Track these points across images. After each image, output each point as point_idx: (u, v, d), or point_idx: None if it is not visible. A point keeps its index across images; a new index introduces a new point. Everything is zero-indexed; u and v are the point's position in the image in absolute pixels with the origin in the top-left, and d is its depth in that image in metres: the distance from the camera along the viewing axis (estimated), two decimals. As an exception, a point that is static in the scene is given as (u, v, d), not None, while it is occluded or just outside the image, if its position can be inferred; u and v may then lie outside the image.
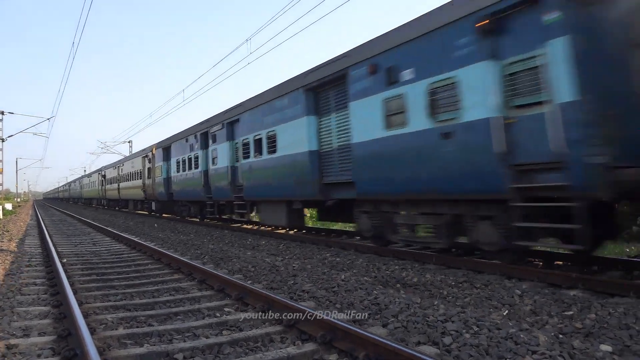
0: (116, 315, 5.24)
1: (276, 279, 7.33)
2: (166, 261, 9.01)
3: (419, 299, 5.68)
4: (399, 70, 8.46)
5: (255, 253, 10.36)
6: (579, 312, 5.00)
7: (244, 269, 8.29)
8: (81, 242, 13.47)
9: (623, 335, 4.23)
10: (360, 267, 8.15)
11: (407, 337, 4.37)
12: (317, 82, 10.86)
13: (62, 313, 5.29)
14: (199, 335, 4.55)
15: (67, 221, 24.61)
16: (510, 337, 4.17)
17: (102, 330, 4.70)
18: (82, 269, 8.68)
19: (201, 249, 11.23)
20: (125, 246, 12.29)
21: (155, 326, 4.83)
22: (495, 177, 6.72)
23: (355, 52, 9.83)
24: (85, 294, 6.44)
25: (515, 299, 5.64)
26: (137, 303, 5.87)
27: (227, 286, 6.31)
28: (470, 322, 4.65)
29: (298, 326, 4.59)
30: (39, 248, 12.08)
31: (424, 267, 8.00)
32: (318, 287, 6.58)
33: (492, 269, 7.29)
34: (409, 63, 8.25)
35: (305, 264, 8.60)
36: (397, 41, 8.57)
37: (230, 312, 5.42)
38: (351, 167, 9.83)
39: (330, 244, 11.18)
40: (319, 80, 10.78)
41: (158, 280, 7.40)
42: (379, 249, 9.67)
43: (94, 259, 9.99)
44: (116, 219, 26.19)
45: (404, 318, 4.91)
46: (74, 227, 19.74)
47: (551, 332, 4.36)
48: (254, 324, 4.96)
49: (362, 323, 4.88)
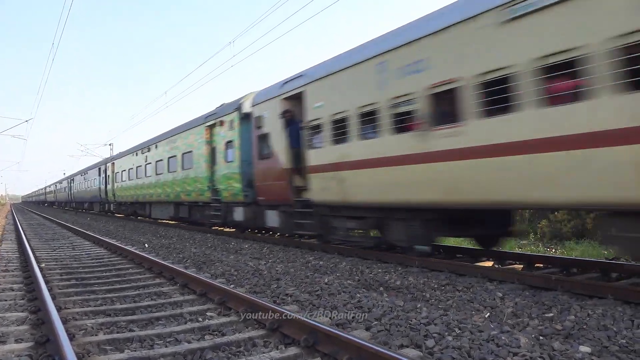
0: (96, 321, 5.15)
1: (259, 282, 7.29)
2: (147, 265, 8.90)
3: (402, 302, 5.70)
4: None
5: (238, 257, 10.30)
6: (559, 314, 5.08)
7: (226, 273, 8.24)
8: (60, 247, 13.23)
9: (602, 336, 4.30)
10: (344, 271, 8.15)
11: (390, 340, 4.38)
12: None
13: (40, 319, 5.18)
14: (181, 340, 4.50)
15: (46, 225, 24.16)
16: (492, 339, 4.21)
17: (81, 336, 4.62)
18: (61, 273, 8.52)
19: (183, 253, 11.13)
20: (106, 250, 12.11)
21: (136, 331, 4.76)
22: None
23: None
24: (64, 299, 6.32)
25: (496, 301, 5.70)
26: (117, 308, 5.79)
27: (210, 290, 6.26)
28: (452, 325, 4.68)
29: (281, 330, 4.57)
30: (16, 252, 11.83)
31: (407, 270, 8.03)
32: (301, 291, 6.57)
33: (474, 271, 7.36)
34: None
35: (288, 268, 8.58)
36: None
37: (213, 317, 5.37)
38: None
39: (313, 248, 11.16)
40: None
41: (139, 285, 7.31)
42: (362, 252, 9.69)
43: (74, 263, 9.82)
44: (96, 222, 25.82)
45: (387, 321, 4.92)
46: (52, 231, 19.39)
47: (532, 334, 4.41)
48: (236, 328, 4.93)
49: (345, 326, 4.88)
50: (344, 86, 9.59)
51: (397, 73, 8.25)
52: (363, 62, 9.08)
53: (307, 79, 10.81)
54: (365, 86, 8.97)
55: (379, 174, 8.67)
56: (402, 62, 8.16)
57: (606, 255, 9.17)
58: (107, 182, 32.98)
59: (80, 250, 12.19)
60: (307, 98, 10.71)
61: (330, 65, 10.28)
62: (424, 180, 7.81)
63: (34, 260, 8.79)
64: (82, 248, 12.82)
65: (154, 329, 4.85)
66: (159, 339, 4.57)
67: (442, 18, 7.60)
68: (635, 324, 4.65)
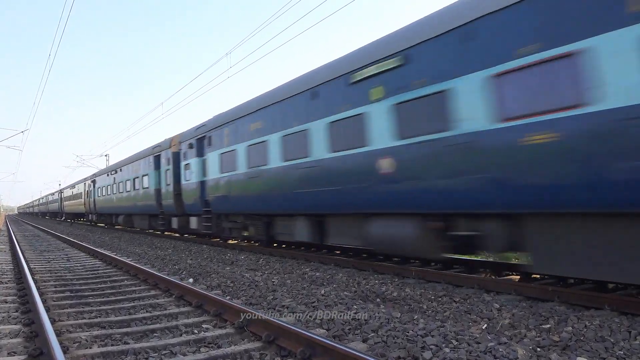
0: (90, 333, 5.10)
1: (255, 294, 7.25)
2: (143, 277, 8.84)
3: (398, 314, 5.68)
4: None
5: (234, 268, 10.25)
6: (556, 325, 5.06)
7: (222, 285, 8.19)
8: (55, 258, 13.14)
9: (599, 347, 4.29)
10: (340, 282, 8.12)
11: (387, 352, 4.35)
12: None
13: (33, 331, 5.13)
14: (176, 353, 4.46)
15: (41, 236, 24.01)
16: (489, 351, 4.19)
17: (75, 348, 4.57)
18: (55, 285, 8.45)
19: (179, 265, 11.06)
20: (101, 262, 12.03)
21: (131, 344, 4.71)
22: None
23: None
24: (58, 311, 6.27)
25: (494, 313, 5.68)
26: (112, 320, 5.73)
27: (205, 302, 6.22)
28: (449, 337, 4.66)
29: (277, 342, 4.53)
30: (10, 264, 11.74)
31: (404, 281, 8.01)
32: (298, 303, 6.53)
33: (471, 282, 7.35)
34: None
35: (284, 279, 8.54)
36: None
37: (209, 329, 5.33)
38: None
39: (309, 259, 11.13)
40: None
41: (134, 297, 7.25)
42: (358, 263, 9.73)
43: (68, 275, 9.75)
44: (92, 234, 25.67)
45: (384, 333, 4.90)
46: (47, 243, 19.26)
47: (529, 346, 4.39)
48: (232, 340, 4.89)
49: (342, 338, 4.85)
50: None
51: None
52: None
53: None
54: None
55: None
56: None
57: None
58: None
59: (75, 262, 12.11)
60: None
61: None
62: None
63: (28, 272, 8.72)
64: (77, 259, 12.73)
65: (149, 342, 4.80)
66: (154, 351, 4.53)
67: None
68: (632, 335, 4.64)
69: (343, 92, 9.27)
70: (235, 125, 13.59)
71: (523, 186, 6.01)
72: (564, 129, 5.52)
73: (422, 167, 7.43)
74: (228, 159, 13.93)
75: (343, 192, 9.18)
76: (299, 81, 10.94)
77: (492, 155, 6.37)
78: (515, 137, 6.06)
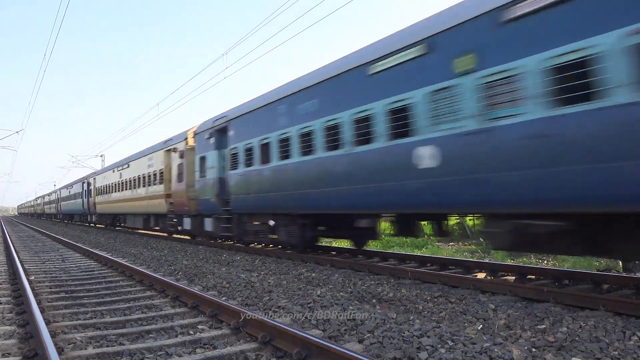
0: (85, 334, 5.08)
1: (251, 295, 7.24)
2: (138, 278, 8.82)
3: (394, 314, 5.69)
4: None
5: (230, 269, 10.23)
6: (551, 326, 5.08)
7: (218, 285, 8.17)
8: (50, 259, 13.08)
9: (594, 348, 4.31)
10: (336, 283, 8.12)
11: (383, 352, 4.35)
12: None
13: (28, 333, 5.10)
14: (172, 354, 4.44)
15: (35, 237, 23.90)
16: (485, 352, 4.20)
17: (70, 350, 4.55)
18: (50, 286, 8.41)
19: (175, 265, 11.04)
20: (96, 263, 11.98)
21: (126, 345, 4.70)
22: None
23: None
24: (53, 312, 6.24)
25: (489, 313, 5.70)
26: (107, 321, 5.71)
27: (201, 303, 6.20)
28: (445, 337, 4.67)
29: (273, 343, 4.53)
30: (5, 265, 11.68)
31: (400, 282, 8.02)
32: (294, 303, 6.53)
33: (466, 283, 7.37)
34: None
35: (281, 280, 8.53)
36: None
37: (204, 330, 5.32)
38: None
39: (305, 260, 11.13)
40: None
41: (130, 298, 7.23)
42: (354, 264, 9.73)
43: (63, 275, 9.71)
44: (87, 234, 25.57)
45: (380, 333, 4.90)
46: (42, 244, 19.18)
47: (525, 346, 4.41)
48: (228, 341, 4.88)
49: (338, 339, 4.85)
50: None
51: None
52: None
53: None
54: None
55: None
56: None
57: (597, 267, 9.22)
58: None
59: (70, 263, 12.06)
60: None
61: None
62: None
63: (22, 273, 8.68)
64: (72, 260, 12.68)
65: (144, 343, 4.79)
66: (150, 352, 4.52)
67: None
68: (627, 335, 4.66)
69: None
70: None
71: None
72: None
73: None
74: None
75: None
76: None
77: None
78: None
